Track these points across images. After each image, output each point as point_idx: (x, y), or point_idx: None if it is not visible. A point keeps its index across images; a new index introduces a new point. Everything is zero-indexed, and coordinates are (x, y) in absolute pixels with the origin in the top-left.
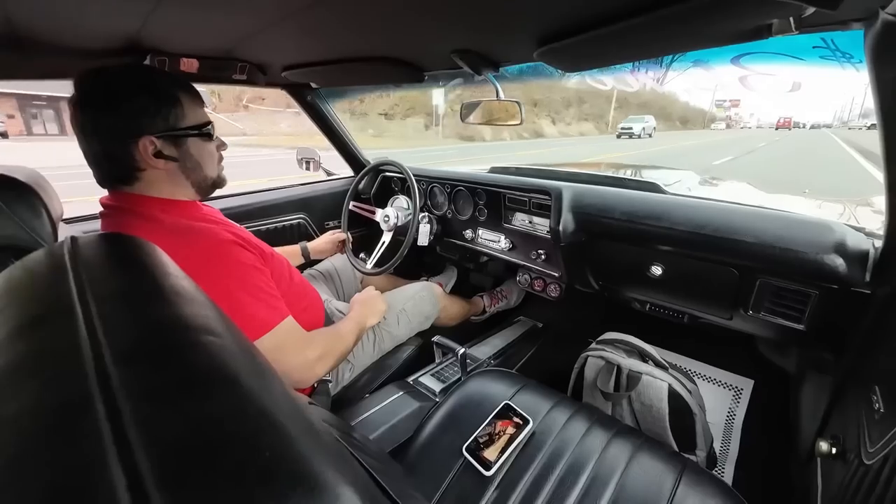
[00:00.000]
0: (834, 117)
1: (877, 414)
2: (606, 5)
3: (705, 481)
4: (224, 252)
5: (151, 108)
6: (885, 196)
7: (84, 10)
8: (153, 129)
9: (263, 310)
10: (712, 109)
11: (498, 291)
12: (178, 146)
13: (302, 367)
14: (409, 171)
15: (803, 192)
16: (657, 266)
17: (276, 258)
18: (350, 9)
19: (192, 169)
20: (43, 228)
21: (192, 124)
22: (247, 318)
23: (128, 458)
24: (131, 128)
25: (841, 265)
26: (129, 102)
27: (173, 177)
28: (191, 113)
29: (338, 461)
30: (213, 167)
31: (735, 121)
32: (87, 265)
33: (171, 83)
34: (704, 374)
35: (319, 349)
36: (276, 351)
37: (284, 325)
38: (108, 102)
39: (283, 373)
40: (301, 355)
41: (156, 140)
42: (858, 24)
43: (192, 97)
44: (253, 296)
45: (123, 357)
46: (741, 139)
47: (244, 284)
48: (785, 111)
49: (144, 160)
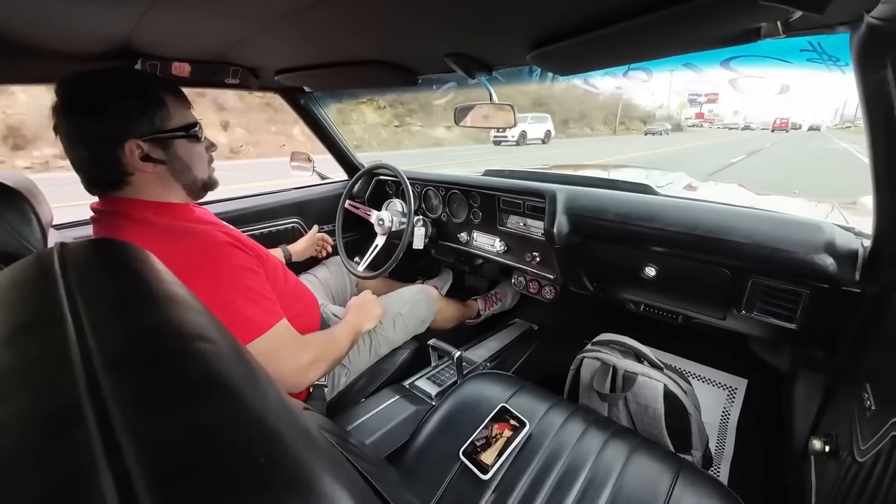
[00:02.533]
0: (836, 115)
1: (868, 411)
2: (597, 9)
3: (701, 481)
4: (219, 253)
5: (136, 110)
6: (872, 195)
7: (74, 14)
8: (139, 132)
9: (257, 312)
10: (667, 108)
11: (492, 294)
12: (166, 149)
13: (295, 371)
14: (404, 175)
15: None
16: (651, 267)
17: (270, 260)
18: (342, 13)
19: (182, 171)
20: (32, 234)
21: (178, 126)
22: (240, 320)
23: (118, 466)
24: (117, 132)
25: (831, 264)
26: (113, 106)
27: (163, 179)
28: (177, 114)
29: (333, 467)
30: (203, 168)
31: (710, 119)
32: (77, 271)
33: (155, 85)
34: (699, 374)
35: (313, 353)
36: (270, 354)
37: (278, 327)
38: (91, 107)
39: (276, 376)
40: (294, 359)
41: (142, 143)
42: (844, 27)
43: (177, 98)
44: (247, 298)
45: (114, 363)
46: (691, 153)
47: (238, 286)
48: (781, 111)
49: (132, 164)
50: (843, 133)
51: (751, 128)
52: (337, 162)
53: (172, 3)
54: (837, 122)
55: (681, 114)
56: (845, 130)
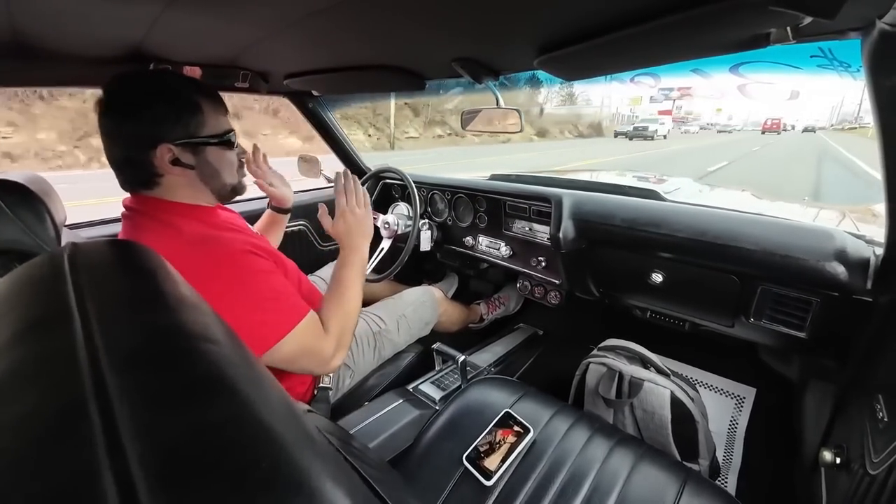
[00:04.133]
0: (833, 113)
1: (881, 423)
2: (606, 15)
3: (708, 492)
4: (240, 261)
5: (172, 115)
6: (885, 204)
7: (89, 19)
8: (172, 136)
9: (282, 311)
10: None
11: (496, 298)
12: (197, 154)
13: (323, 362)
14: (410, 178)
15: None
16: (658, 273)
17: (288, 266)
18: (352, 18)
19: (210, 176)
20: (46, 233)
21: (212, 133)
22: (264, 323)
23: (120, 467)
24: (151, 134)
25: (842, 272)
26: (149, 110)
27: (192, 183)
28: (212, 121)
29: (336, 470)
30: (233, 175)
31: (682, 119)
32: (87, 270)
33: (194, 90)
34: (706, 383)
35: (334, 338)
36: (300, 349)
37: (307, 321)
38: (130, 109)
39: (307, 369)
40: (322, 351)
41: (173, 148)
42: (855, 33)
43: (214, 104)
44: (271, 299)
45: (120, 363)
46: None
47: (262, 290)
48: (771, 110)
49: (162, 167)
50: (843, 137)
51: (729, 130)
52: (343, 165)
53: (186, 7)
54: (834, 123)
55: (633, 111)
56: (850, 132)
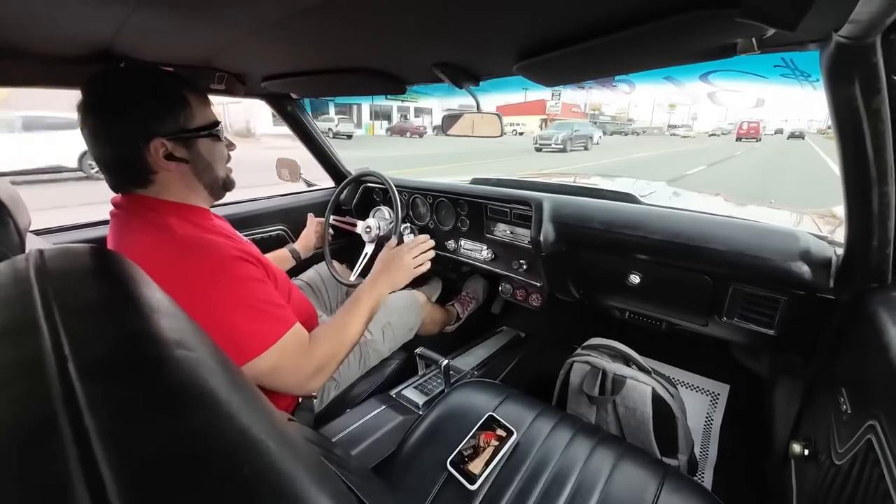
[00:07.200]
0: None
1: (844, 415)
2: (581, 23)
3: (686, 487)
4: (228, 267)
5: (162, 110)
6: (843, 206)
7: (55, 16)
8: (164, 131)
9: (269, 321)
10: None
11: (464, 295)
12: (189, 147)
13: (305, 380)
14: (391, 182)
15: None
16: (635, 274)
17: (278, 275)
18: (331, 21)
19: (204, 170)
20: (9, 239)
21: (201, 125)
22: (251, 332)
23: (93, 479)
24: (143, 131)
25: (806, 272)
26: (138, 106)
27: (185, 179)
28: (199, 113)
29: (319, 478)
30: (223, 167)
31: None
32: (54, 277)
33: (179, 84)
34: (683, 381)
35: (320, 357)
36: (283, 361)
37: (293, 332)
38: (117, 107)
39: (287, 383)
40: (305, 367)
41: (167, 142)
42: (814, 45)
43: (199, 98)
44: (258, 309)
45: (90, 372)
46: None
47: (249, 298)
48: (748, 112)
49: (156, 162)
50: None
51: (678, 133)
52: (324, 169)
53: (157, 7)
54: (823, 128)
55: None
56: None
